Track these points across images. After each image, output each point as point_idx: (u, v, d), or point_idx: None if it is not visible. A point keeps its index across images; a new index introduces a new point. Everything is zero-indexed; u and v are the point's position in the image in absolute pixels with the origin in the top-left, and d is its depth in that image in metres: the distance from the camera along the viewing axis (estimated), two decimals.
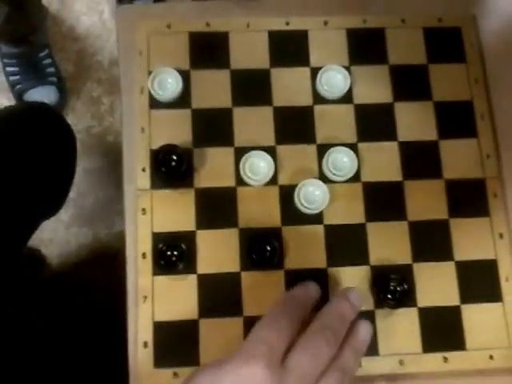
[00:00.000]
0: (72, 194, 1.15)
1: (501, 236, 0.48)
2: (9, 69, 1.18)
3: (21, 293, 0.79)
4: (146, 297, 0.46)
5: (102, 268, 1.10)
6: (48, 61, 1.18)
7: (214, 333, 0.46)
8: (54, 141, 0.70)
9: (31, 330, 0.76)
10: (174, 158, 0.47)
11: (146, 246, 0.47)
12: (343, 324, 0.39)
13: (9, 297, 0.70)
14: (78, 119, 1.21)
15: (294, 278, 0.46)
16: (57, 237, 1.15)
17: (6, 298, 0.68)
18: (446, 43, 0.53)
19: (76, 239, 1.16)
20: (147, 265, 0.47)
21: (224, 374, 0.35)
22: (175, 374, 0.45)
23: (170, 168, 0.46)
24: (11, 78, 1.18)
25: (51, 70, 1.19)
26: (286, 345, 0.36)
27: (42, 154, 0.68)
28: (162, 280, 0.47)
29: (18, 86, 1.18)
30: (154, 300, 0.46)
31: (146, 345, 0.45)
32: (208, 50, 0.52)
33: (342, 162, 0.49)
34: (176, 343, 0.45)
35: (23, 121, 0.69)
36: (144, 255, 0.47)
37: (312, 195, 0.48)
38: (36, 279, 1.04)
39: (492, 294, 0.47)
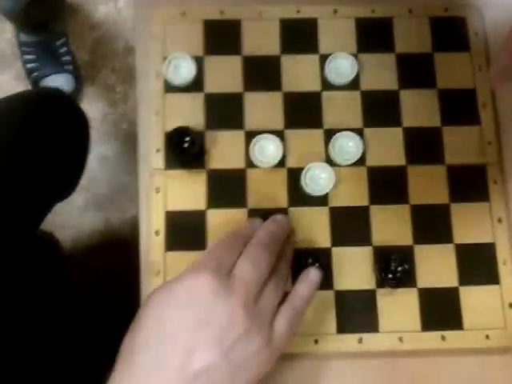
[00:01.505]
0: (86, 180, 1.18)
1: (499, 221, 0.50)
2: (26, 56, 1.21)
3: (33, 275, 0.81)
4: (158, 272, 0.48)
5: (114, 253, 1.13)
6: (64, 49, 1.21)
7: None
8: (67, 124, 0.72)
9: (43, 312, 0.78)
10: (187, 139, 0.49)
11: (159, 223, 0.50)
12: (276, 239, 0.43)
13: (21, 278, 0.72)
14: (92, 107, 1.23)
15: (299, 257, 0.48)
16: (70, 221, 1.18)
17: (19, 279, 0.70)
18: (452, 32, 0.54)
19: (89, 224, 1.18)
20: (160, 242, 0.49)
21: (176, 289, 0.38)
22: None
23: (183, 149, 0.49)
24: (28, 65, 1.21)
25: (67, 58, 1.21)
26: (235, 260, 0.40)
27: (54, 136, 0.70)
28: (174, 256, 0.49)
29: (35, 74, 1.21)
30: (167, 275, 0.48)
31: None
32: (221, 37, 0.54)
33: (347, 146, 0.51)
34: None
35: (36, 105, 0.71)
36: (157, 232, 0.49)
37: (318, 178, 0.50)
38: (48, 262, 1.07)
39: (490, 276, 0.49)
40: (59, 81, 1.20)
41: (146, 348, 0.36)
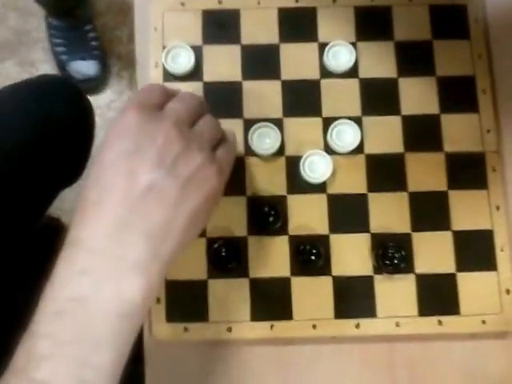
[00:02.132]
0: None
1: (497, 208, 0.50)
2: (55, 40, 1.22)
3: (39, 260, 0.82)
4: None
5: None
6: (92, 34, 1.22)
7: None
8: (71, 110, 0.73)
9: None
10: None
11: None
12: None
13: (27, 264, 0.73)
14: (98, 93, 1.24)
15: (297, 243, 0.49)
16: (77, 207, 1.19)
17: (24, 264, 0.72)
18: (451, 20, 0.54)
19: None
20: None
21: (107, 135, 0.39)
22: (185, 329, 0.48)
23: None
24: (57, 48, 1.22)
25: (95, 43, 1.22)
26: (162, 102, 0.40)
27: (59, 122, 0.70)
28: None
29: (63, 57, 1.22)
30: None
31: (158, 300, 0.49)
32: (220, 26, 0.55)
33: (346, 134, 0.51)
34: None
35: (40, 91, 0.71)
36: None
37: (317, 165, 0.50)
38: (55, 247, 1.09)
39: (487, 263, 0.50)
40: (86, 65, 1.21)
41: (93, 181, 0.37)
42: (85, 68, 1.21)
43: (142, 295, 0.34)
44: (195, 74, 0.53)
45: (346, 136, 0.51)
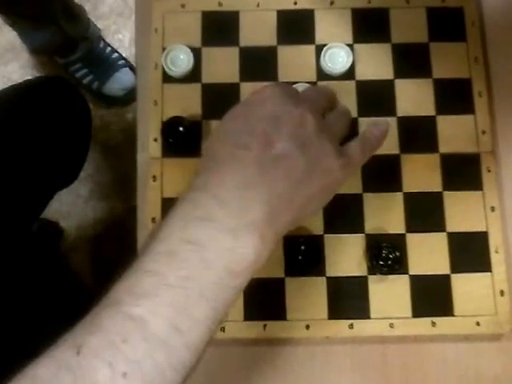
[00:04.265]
0: (91, 170, 1.20)
1: (492, 209, 0.50)
2: (79, 74, 1.20)
3: (37, 263, 0.82)
4: None
5: (118, 242, 1.14)
6: (109, 49, 1.20)
7: None
8: (69, 111, 0.74)
9: (45, 301, 0.79)
10: (181, 129, 0.50)
11: (156, 210, 0.51)
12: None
13: (25, 266, 0.74)
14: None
15: (292, 243, 0.49)
16: (75, 210, 1.19)
17: (22, 266, 0.72)
18: (448, 23, 0.55)
19: (93, 213, 1.20)
20: None
21: (247, 100, 0.41)
22: None
23: (177, 138, 0.50)
24: (84, 80, 1.20)
25: (115, 55, 1.21)
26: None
27: (56, 123, 0.71)
28: None
29: (95, 84, 1.20)
30: None
31: None
32: (219, 28, 0.55)
33: None
34: None
35: (38, 92, 0.72)
36: (153, 220, 0.51)
37: None
38: (53, 251, 1.09)
39: (482, 264, 0.50)
40: (121, 77, 1.19)
41: (223, 143, 0.37)
42: (120, 81, 1.19)
43: (254, 256, 0.34)
44: (194, 75, 0.54)
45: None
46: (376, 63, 0.54)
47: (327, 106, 0.42)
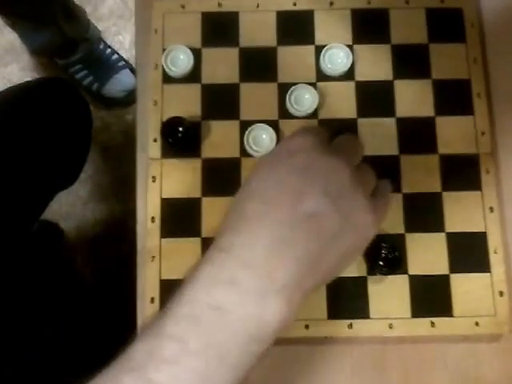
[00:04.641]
0: (90, 171, 1.20)
1: (491, 210, 0.51)
2: (79, 75, 1.20)
3: (37, 264, 0.82)
4: (153, 257, 0.50)
5: (118, 243, 1.14)
6: (109, 50, 1.21)
7: None
8: (69, 112, 0.74)
9: (46, 301, 0.79)
10: (181, 129, 0.50)
11: (155, 210, 0.51)
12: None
13: (25, 267, 0.74)
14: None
15: None
16: (75, 211, 1.19)
17: (22, 267, 0.72)
18: (448, 24, 0.55)
19: (93, 214, 1.20)
20: (156, 228, 0.50)
21: (280, 149, 0.38)
22: None
23: (177, 139, 0.50)
24: (84, 82, 1.20)
25: (116, 57, 1.21)
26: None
27: (56, 124, 0.71)
28: (169, 242, 0.50)
29: (95, 85, 1.20)
30: (162, 260, 0.50)
31: (152, 300, 0.49)
32: (219, 28, 0.55)
33: None
34: None
35: (38, 93, 0.72)
36: (153, 219, 0.51)
37: None
38: (53, 251, 1.09)
39: (480, 264, 0.50)
40: (121, 79, 1.19)
41: (254, 195, 0.35)
42: (120, 83, 1.19)
43: (280, 322, 0.32)
44: (194, 75, 0.54)
45: None
46: (375, 64, 0.54)
47: (359, 155, 0.41)
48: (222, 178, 0.51)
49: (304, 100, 0.52)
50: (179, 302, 0.32)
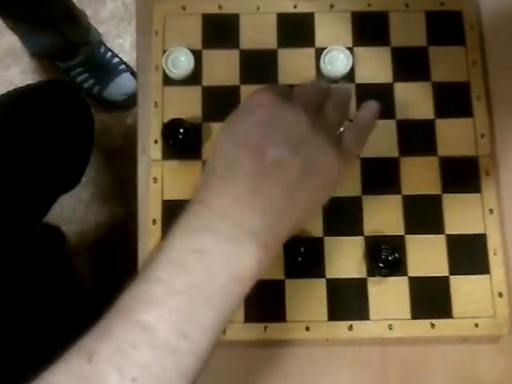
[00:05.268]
0: (92, 174, 1.20)
1: (491, 212, 0.51)
2: (79, 78, 1.20)
3: (39, 267, 0.82)
4: None
5: (119, 246, 1.14)
6: (109, 54, 1.21)
7: None
8: (71, 114, 0.74)
9: (46, 304, 0.79)
10: (181, 131, 0.50)
11: (157, 212, 0.51)
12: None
13: (27, 270, 0.74)
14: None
15: (292, 246, 0.49)
16: (76, 214, 1.20)
17: (24, 270, 0.72)
18: (447, 26, 0.55)
19: (94, 217, 1.20)
20: (157, 230, 0.51)
21: (240, 108, 0.40)
22: None
23: (177, 140, 0.50)
24: (85, 85, 1.20)
25: (116, 60, 1.21)
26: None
27: (58, 127, 0.71)
28: None
29: (96, 88, 1.20)
30: None
31: None
32: (219, 30, 0.55)
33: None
34: None
35: (40, 95, 0.72)
36: (154, 221, 0.51)
37: None
38: (55, 255, 1.09)
39: (480, 266, 0.50)
40: (121, 83, 1.20)
41: (221, 155, 0.38)
42: (121, 86, 1.19)
43: (257, 265, 0.35)
44: (194, 77, 0.54)
45: None
46: (375, 66, 0.54)
47: (321, 98, 0.42)
48: None
49: None
50: (162, 249, 0.34)
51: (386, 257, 0.48)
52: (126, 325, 0.32)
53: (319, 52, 0.54)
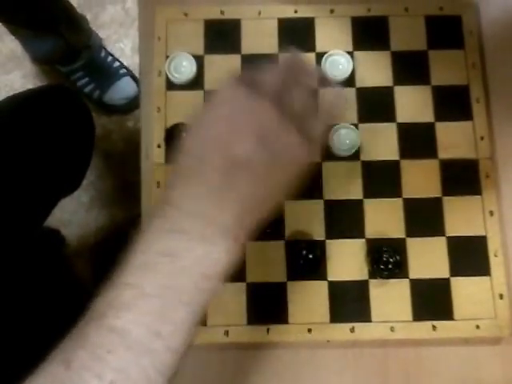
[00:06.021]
0: (92, 177, 1.20)
1: (491, 214, 0.51)
2: (80, 82, 1.20)
3: (39, 271, 0.82)
4: None
5: (120, 250, 1.14)
6: (110, 58, 1.21)
7: None
8: (72, 119, 0.74)
9: (46, 308, 0.79)
10: (184, 135, 0.50)
11: None
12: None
13: (27, 273, 0.74)
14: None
15: (294, 248, 0.50)
16: (76, 218, 1.20)
17: (24, 273, 0.72)
18: (446, 31, 0.56)
19: (95, 221, 1.20)
20: None
21: (206, 106, 0.40)
22: None
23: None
24: (85, 89, 1.20)
25: (117, 64, 1.21)
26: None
27: (59, 131, 0.71)
28: None
29: (96, 92, 1.20)
30: None
31: None
32: (221, 36, 0.56)
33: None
34: None
35: (41, 100, 0.73)
36: None
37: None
38: (55, 258, 1.09)
39: (481, 268, 0.50)
40: (122, 87, 1.19)
41: (189, 152, 0.38)
42: (121, 90, 1.19)
43: (228, 258, 0.35)
44: (197, 82, 0.55)
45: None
46: (376, 70, 0.55)
47: (288, 81, 0.41)
48: None
49: None
50: (134, 254, 0.35)
51: (387, 259, 0.49)
52: (100, 330, 0.33)
53: (320, 56, 0.54)
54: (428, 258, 0.50)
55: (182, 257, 0.35)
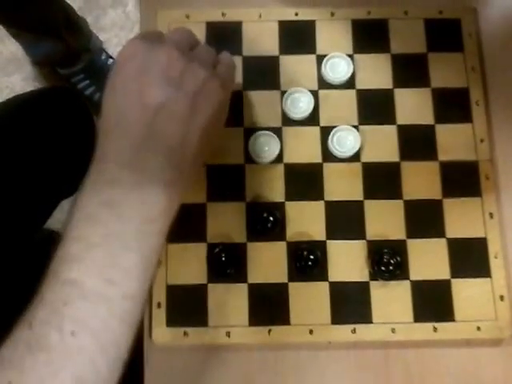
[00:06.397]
0: None
1: (491, 216, 0.51)
2: (80, 85, 1.21)
3: (40, 272, 0.82)
4: (161, 262, 0.50)
5: None
6: (110, 61, 1.22)
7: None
8: (73, 121, 0.74)
9: None
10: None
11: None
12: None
13: (26, 276, 0.74)
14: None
15: (295, 249, 0.50)
16: None
17: (23, 276, 0.72)
18: (446, 34, 0.56)
19: None
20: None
21: (114, 67, 0.41)
22: (185, 333, 0.49)
23: None
24: (86, 92, 1.21)
25: None
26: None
27: (60, 133, 0.72)
28: (175, 248, 0.51)
29: (96, 95, 1.21)
30: (166, 263, 0.50)
31: (159, 305, 0.49)
32: (222, 38, 0.56)
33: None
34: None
35: (42, 102, 0.73)
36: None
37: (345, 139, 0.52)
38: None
39: (481, 269, 0.50)
40: None
41: (109, 112, 0.40)
42: None
43: (165, 201, 0.38)
44: None
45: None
46: (376, 73, 0.55)
47: (192, 42, 0.45)
48: (226, 184, 0.52)
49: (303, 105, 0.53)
50: (76, 209, 0.37)
51: (388, 261, 0.49)
52: (55, 286, 0.35)
53: (320, 59, 0.55)
54: (429, 260, 0.50)
55: (122, 205, 0.37)
